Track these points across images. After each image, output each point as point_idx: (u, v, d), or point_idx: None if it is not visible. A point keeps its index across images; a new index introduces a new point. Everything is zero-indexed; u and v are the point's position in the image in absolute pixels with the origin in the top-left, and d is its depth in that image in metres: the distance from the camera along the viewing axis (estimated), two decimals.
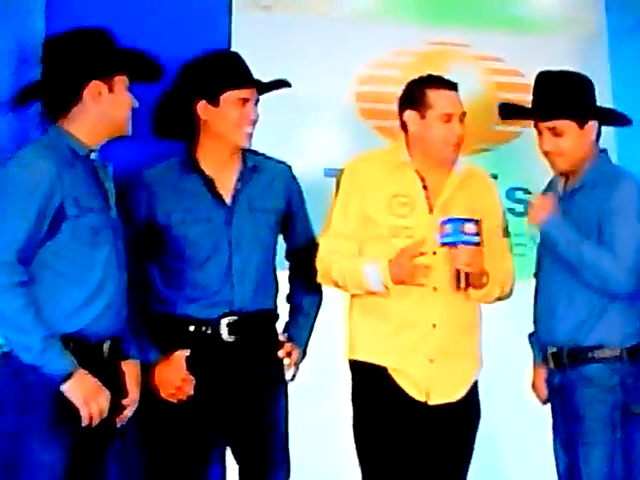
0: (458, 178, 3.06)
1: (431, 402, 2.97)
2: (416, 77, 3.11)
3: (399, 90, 3.11)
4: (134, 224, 2.98)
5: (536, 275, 3.19)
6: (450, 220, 2.91)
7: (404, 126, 3.07)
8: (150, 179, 3.02)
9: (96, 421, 2.59)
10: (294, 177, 3.16)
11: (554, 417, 3.12)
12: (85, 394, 2.57)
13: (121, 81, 2.73)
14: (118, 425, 2.79)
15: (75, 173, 2.66)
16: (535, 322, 3.17)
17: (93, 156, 2.72)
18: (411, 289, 2.95)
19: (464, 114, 3.04)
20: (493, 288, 3.03)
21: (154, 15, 3.54)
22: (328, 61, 3.81)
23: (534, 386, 3.20)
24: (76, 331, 2.61)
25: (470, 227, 2.90)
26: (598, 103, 3.13)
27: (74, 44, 2.69)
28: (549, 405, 3.16)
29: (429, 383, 2.98)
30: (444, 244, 2.93)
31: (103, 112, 2.70)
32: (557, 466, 3.12)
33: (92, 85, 2.69)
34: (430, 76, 3.07)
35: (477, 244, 2.91)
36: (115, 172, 2.84)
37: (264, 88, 3.05)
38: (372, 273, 2.94)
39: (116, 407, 2.73)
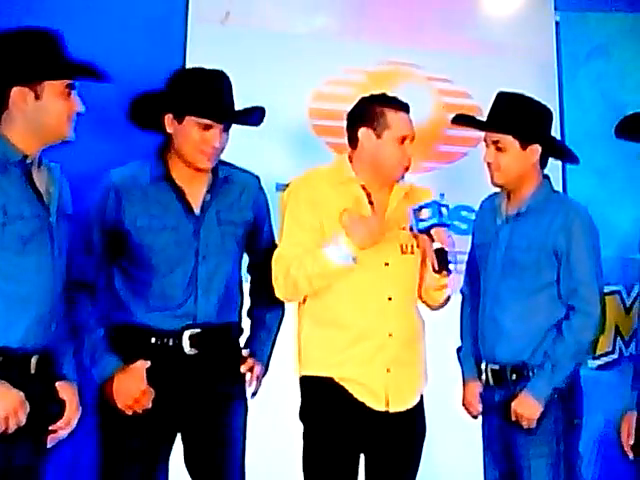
0: (402, 192, 3.11)
1: (391, 410, 3.00)
2: (369, 95, 3.13)
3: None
4: (102, 228, 2.94)
5: (470, 291, 3.27)
6: (426, 205, 2.96)
7: (354, 142, 3.09)
8: (119, 181, 2.96)
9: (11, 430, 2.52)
10: (262, 189, 3.14)
11: (488, 432, 3.17)
12: (3, 408, 2.50)
13: (53, 86, 2.60)
14: (49, 445, 2.70)
15: (6, 179, 2.57)
16: (465, 338, 3.25)
17: (29, 160, 2.61)
18: (366, 299, 2.99)
19: (414, 136, 3.09)
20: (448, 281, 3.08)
21: (109, 27, 3.55)
22: (282, 77, 3.87)
23: (465, 401, 3.24)
24: (1, 347, 2.53)
25: (445, 210, 2.98)
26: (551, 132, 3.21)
27: (2, 47, 2.58)
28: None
29: (388, 392, 3.00)
30: (422, 229, 2.96)
31: (30, 119, 2.59)
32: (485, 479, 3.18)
33: (16, 91, 2.58)
34: (386, 96, 3.10)
35: (451, 227, 3.00)
36: (76, 172, 2.79)
37: (236, 118, 3.00)
38: (335, 252, 2.93)
39: (45, 426, 2.66)
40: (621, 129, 3.07)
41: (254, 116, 3.08)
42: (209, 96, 2.94)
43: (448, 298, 3.16)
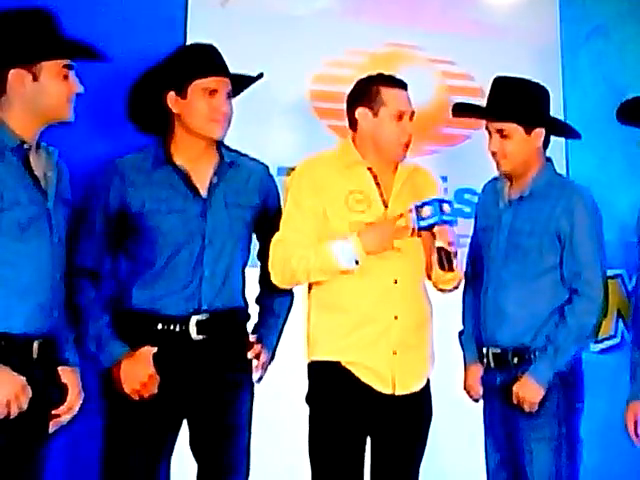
0: (406, 172, 3.11)
1: (398, 392, 3.00)
2: (366, 75, 3.13)
3: None
4: (106, 213, 2.94)
5: (472, 275, 3.26)
6: (428, 202, 2.94)
7: (353, 123, 3.09)
8: (124, 167, 2.96)
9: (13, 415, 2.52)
10: (271, 176, 3.14)
11: (489, 416, 3.18)
12: (5, 393, 2.50)
13: (50, 67, 2.58)
14: (51, 430, 2.70)
15: (2, 166, 2.55)
16: (467, 321, 3.26)
17: (27, 145, 2.60)
18: (371, 283, 2.99)
19: (413, 113, 3.09)
20: (459, 272, 3.09)
21: (109, 9, 3.53)
22: (284, 59, 3.84)
23: (467, 385, 3.25)
24: (2, 332, 2.52)
25: (447, 207, 2.95)
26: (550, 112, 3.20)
27: None
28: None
29: (394, 374, 3.01)
30: (424, 227, 2.94)
31: (28, 102, 2.57)
32: (487, 464, 3.19)
33: (13, 74, 2.56)
34: (382, 74, 3.10)
35: (454, 223, 2.97)
36: (82, 161, 2.77)
37: (237, 80, 3.01)
38: (342, 250, 2.93)
39: (47, 410, 2.66)
40: (622, 113, 3.06)
41: (255, 77, 3.10)
42: (208, 57, 2.96)
43: (458, 285, 3.16)
